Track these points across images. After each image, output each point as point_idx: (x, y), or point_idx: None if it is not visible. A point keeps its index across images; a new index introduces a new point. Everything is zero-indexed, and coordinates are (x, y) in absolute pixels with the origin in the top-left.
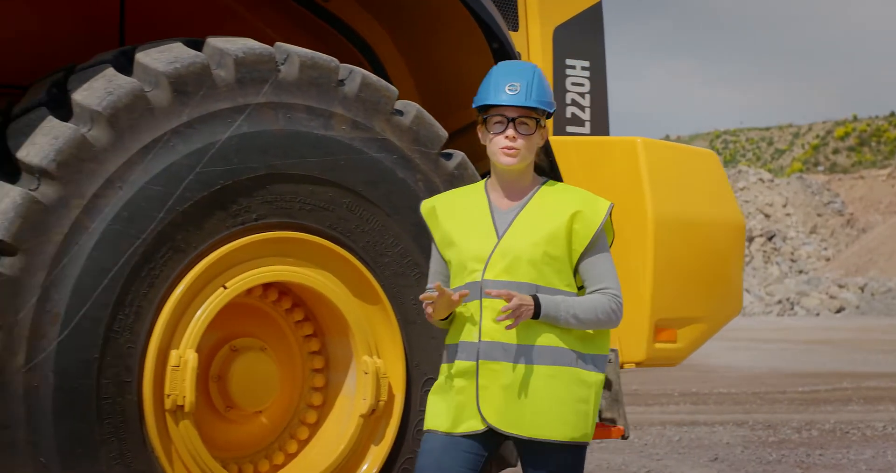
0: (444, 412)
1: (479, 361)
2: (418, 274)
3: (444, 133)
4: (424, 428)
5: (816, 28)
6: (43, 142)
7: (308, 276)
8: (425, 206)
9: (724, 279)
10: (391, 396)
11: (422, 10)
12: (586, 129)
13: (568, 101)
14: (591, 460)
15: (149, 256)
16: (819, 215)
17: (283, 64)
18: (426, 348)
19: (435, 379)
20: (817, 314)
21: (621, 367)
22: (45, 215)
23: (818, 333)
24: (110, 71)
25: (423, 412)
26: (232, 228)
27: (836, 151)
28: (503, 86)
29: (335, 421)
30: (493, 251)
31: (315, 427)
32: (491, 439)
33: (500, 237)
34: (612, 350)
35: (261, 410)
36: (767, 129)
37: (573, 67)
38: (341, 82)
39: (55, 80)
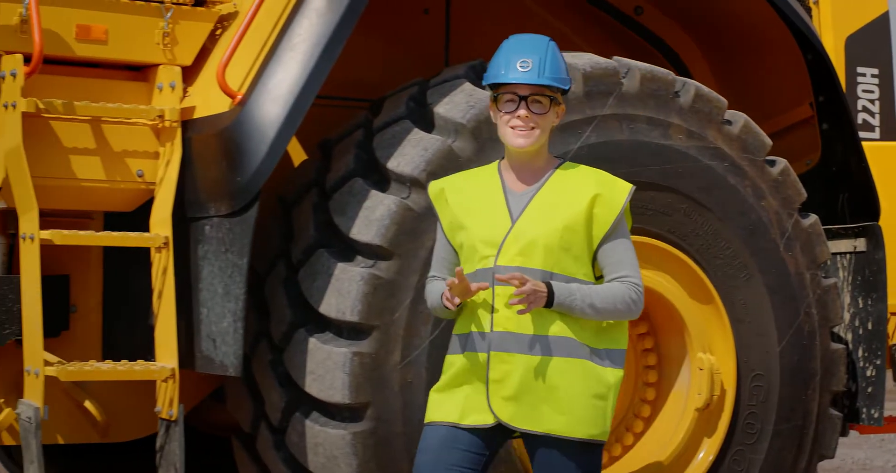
0: (450, 404)
1: (491, 352)
2: (747, 276)
3: (769, 141)
4: (426, 422)
5: None
6: (413, 153)
7: (649, 277)
8: (434, 187)
9: None
10: (723, 391)
11: (733, 22)
12: (876, 134)
13: (859, 107)
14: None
15: None
16: None
17: (624, 77)
18: (754, 345)
19: (762, 375)
20: None
21: None
22: (417, 222)
23: None
24: (468, 86)
25: (752, 406)
26: None
27: None
28: (515, 62)
29: (669, 415)
30: (506, 236)
31: (649, 421)
32: (495, 437)
33: (514, 221)
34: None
35: None
36: None
37: (864, 75)
38: (677, 94)
39: (411, 94)
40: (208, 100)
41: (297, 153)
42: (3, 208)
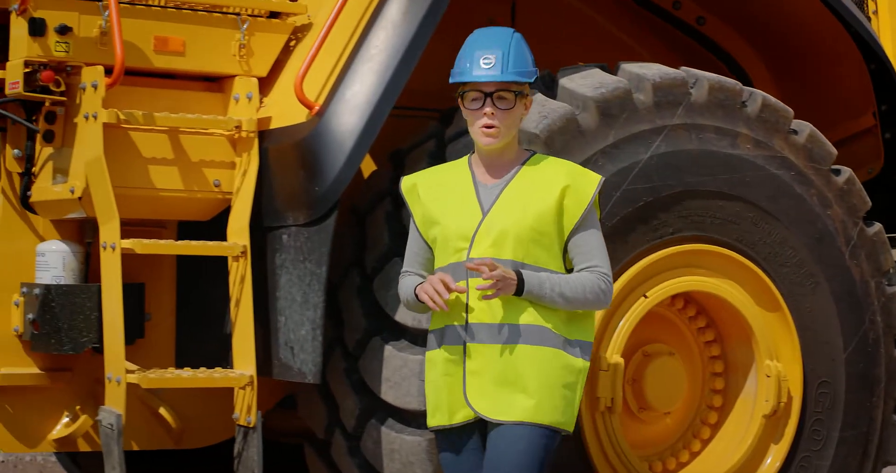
0: (439, 404)
1: (467, 344)
2: (813, 284)
3: (834, 150)
4: (428, 425)
5: None
6: None
7: (717, 285)
8: (406, 182)
9: None
10: (790, 398)
11: (795, 31)
12: None
13: None
14: None
15: None
16: None
17: (693, 87)
18: (819, 352)
19: (828, 382)
20: None
21: None
22: None
23: None
24: (540, 96)
25: (818, 413)
26: (652, 241)
27: None
28: (478, 59)
29: (737, 421)
30: (478, 228)
31: (716, 427)
32: (485, 428)
33: (485, 213)
34: None
35: (669, 411)
36: None
37: None
38: (744, 104)
39: None
40: (285, 110)
41: (366, 163)
42: (81, 218)
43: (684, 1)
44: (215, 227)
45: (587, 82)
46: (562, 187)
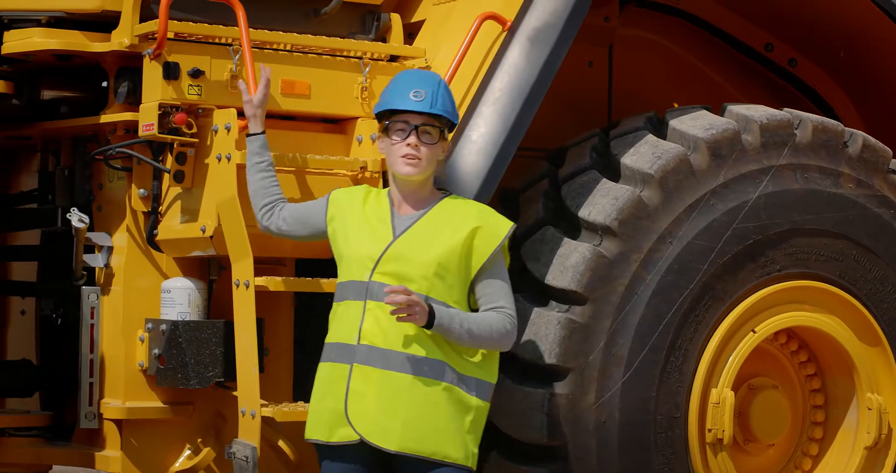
0: (319, 419)
1: (354, 364)
2: None
3: None
4: (305, 437)
5: None
6: (603, 202)
7: (821, 320)
8: (337, 194)
9: None
10: (890, 430)
11: (885, 73)
12: None
13: None
14: None
15: (694, 304)
16: None
17: (797, 128)
18: None
19: None
20: None
21: None
22: (609, 268)
23: None
24: (651, 137)
25: None
26: (760, 278)
27: None
28: (407, 92)
29: (838, 453)
30: (384, 252)
31: (817, 459)
32: (372, 453)
33: (394, 239)
34: None
35: (773, 443)
36: None
37: None
38: (846, 144)
39: (593, 145)
40: None
41: None
42: (206, 256)
43: (776, 43)
44: (326, 263)
45: (697, 124)
46: (472, 227)
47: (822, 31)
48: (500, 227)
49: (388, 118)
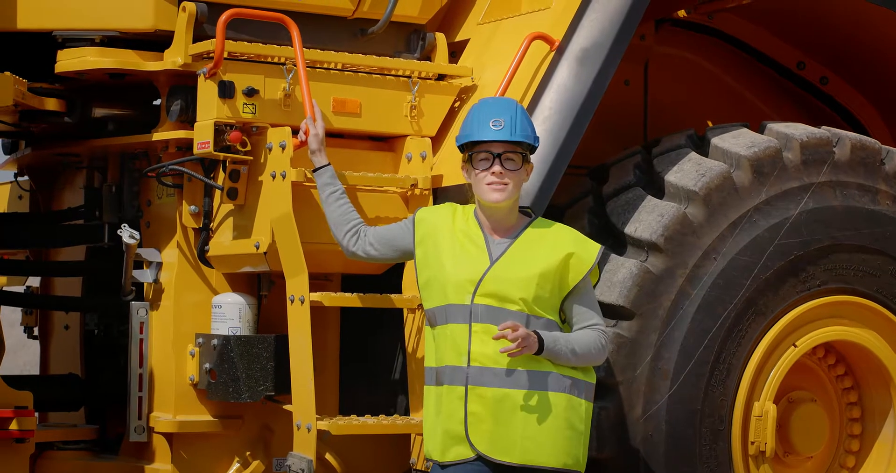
0: (433, 440)
1: (469, 386)
2: None
3: None
4: (425, 457)
5: None
6: (649, 219)
7: (859, 335)
8: (423, 215)
9: None
10: None
11: None
12: None
13: None
14: None
15: (738, 319)
16: None
17: (836, 146)
18: None
19: None
20: None
21: None
22: (655, 284)
23: None
24: (694, 155)
25: None
26: (801, 293)
27: None
28: (487, 121)
29: (874, 465)
30: (483, 275)
31: (854, 471)
32: (481, 468)
33: (492, 263)
34: None
35: (811, 456)
36: None
37: None
38: (882, 162)
39: (635, 162)
40: (457, 169)
41: None
42: (256, 272)
43: (809, 61)
44: (371, 278)
45: (739, 142)
46: (566, 252)
47: (853, 50)
48: (590, 250)
49: (470, 149)
